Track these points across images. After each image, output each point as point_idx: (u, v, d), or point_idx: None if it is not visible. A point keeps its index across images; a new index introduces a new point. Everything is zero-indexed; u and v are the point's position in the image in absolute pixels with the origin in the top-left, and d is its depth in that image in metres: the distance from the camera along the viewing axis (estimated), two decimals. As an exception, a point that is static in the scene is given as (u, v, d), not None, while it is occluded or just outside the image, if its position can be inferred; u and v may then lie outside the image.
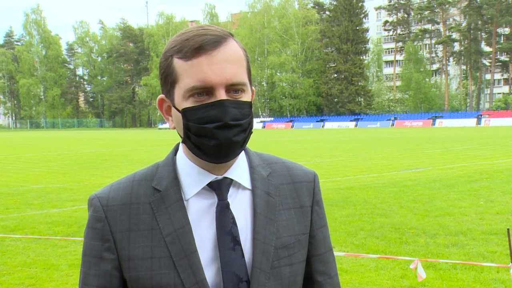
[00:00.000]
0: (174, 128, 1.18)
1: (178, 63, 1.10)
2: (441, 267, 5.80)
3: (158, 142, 36.97)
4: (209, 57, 1.08)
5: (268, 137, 43.39)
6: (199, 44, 1.08)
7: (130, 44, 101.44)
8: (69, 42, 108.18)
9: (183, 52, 1.09)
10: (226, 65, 1.08)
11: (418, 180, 12.85)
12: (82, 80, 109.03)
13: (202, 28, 1.11)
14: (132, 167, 17.83)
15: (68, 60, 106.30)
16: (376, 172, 15.06)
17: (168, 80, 1.13)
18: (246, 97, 1.13)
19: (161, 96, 1.19)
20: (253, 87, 1.18)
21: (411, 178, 13.41)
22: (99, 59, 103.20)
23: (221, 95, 1.08)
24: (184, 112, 1.10)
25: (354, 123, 70.43)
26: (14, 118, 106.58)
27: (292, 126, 73.65)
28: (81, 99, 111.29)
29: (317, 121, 74.44)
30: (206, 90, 1.08)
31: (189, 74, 1.08)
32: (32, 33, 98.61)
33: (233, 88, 1.10)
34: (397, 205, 9.62)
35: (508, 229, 3.66)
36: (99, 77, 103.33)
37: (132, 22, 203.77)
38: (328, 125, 71.57)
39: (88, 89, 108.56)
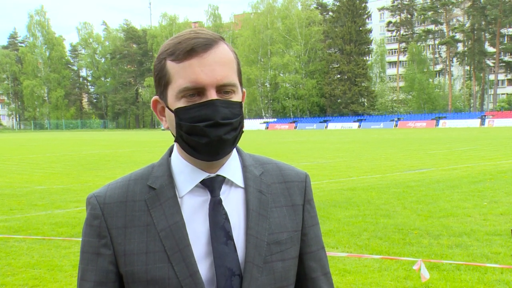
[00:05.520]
0: (168, 128, 1.22)
1: (171, 65, 1.15)
2: (444, 268, 5.79)
3: (161, 143, 36.99)
4: (200, 59, 1.12)
5: (272, 138, 43.39)
6: (191, 47, 1.12)
7: (134, 45, 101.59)
8: (72, 43, 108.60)
9: (176, 55, 1.14)
10: (217, 67, 1.13)
11: (422, 181, 12.83)
12: (85, 81, 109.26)
13: (194, 32, 1.16)
14: (136, 168, 17.75)
15: (71, 61, 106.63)
16: (379, 173, 15.05)
17: (162, 81, 1.18)
18: (236, 97, 1.17)
19: (155, 97, 1.23)
20: (244, 89, 1.23)
21: (414, 179, 13.39)
22: (103, 60, 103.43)
23: (212, 95, 1.13)
24: (177, 112, 1.15)
25: (357, 124, 70.36)
26: (18, 119, 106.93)
27: (296, 127, 73.63)
28: (85, 100, 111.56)
29: (320, 122, 74.40)
30: (198, 90, 1.13)
31: (181, 75, 1.13)
32: (36, 34, 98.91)
33: (223, 89, 1.14)
34: (401, 206, 9.61)
35: (511, 229, 3.65)
36: (102, 78, 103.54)
37: (136, 23, 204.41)
38: (332, 126, 71.54)
39: (92, 90, 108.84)
